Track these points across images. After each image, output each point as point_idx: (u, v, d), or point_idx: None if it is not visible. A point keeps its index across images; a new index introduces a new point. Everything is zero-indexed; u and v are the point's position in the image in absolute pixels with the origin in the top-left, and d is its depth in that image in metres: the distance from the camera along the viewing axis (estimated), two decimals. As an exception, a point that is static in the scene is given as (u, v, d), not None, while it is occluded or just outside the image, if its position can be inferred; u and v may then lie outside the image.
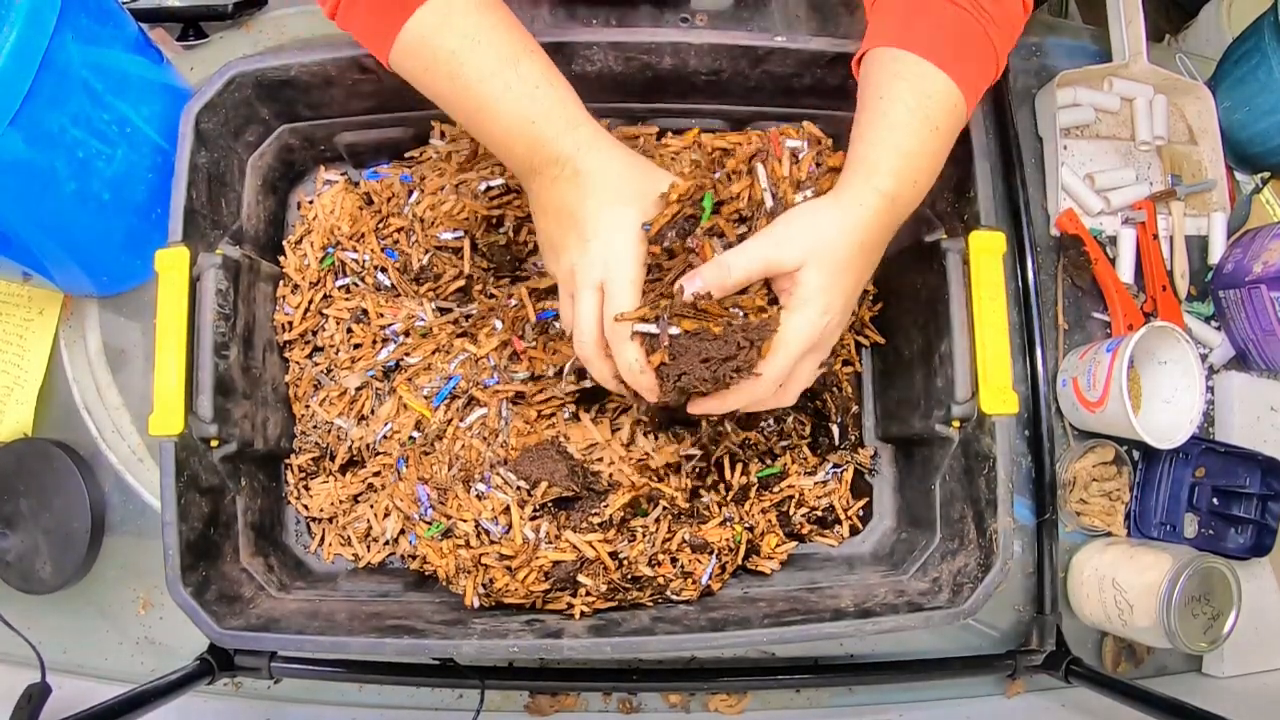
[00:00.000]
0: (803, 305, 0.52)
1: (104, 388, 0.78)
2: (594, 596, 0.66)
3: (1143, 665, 0.80)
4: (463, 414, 0.70)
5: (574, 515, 0.67)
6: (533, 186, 0.55)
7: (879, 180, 0.52)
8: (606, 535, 0.66)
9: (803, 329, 0.52)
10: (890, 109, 0.53)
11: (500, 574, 0.65)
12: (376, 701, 0.75)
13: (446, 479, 0.68)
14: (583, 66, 0.67)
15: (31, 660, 0.69)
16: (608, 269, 0.52)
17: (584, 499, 0.67)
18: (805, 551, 0.75)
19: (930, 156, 0.54)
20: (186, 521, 0.60)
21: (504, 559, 0.65)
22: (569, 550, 0.65)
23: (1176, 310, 0.83)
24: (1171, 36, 1.20)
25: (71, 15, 0.59)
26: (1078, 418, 0.79)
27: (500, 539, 0.66)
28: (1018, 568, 0.78)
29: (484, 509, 0.66)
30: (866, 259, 0.54)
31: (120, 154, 0.67)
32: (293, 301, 0.72)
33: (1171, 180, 0.86)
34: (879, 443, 0.77)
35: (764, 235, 0.52)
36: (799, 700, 0.77)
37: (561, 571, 0.65)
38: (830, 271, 0.52)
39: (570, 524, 0.66)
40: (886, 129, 0.53)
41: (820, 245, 0.51)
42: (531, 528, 0.66)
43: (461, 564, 0.66)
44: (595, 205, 0.52)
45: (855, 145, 0.54)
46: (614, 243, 0.52)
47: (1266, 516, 0.78)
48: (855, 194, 0.52)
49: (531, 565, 0.65)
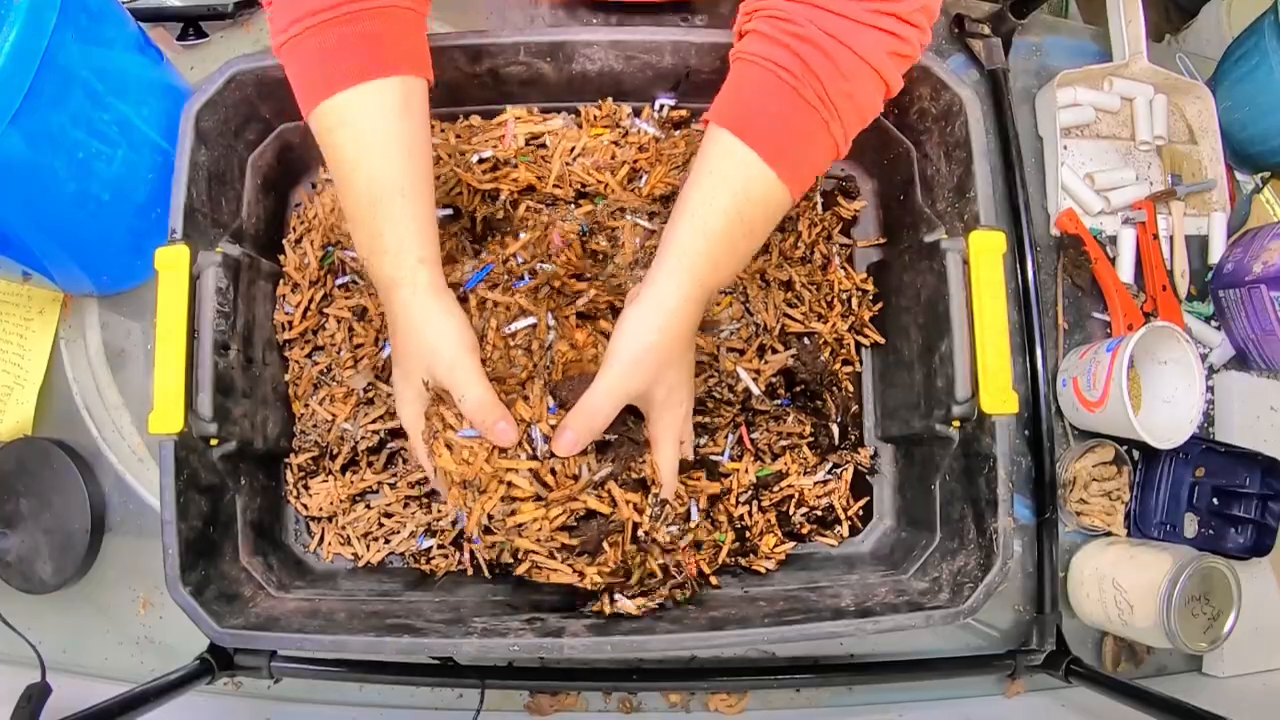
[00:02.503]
0: (663, 412, 0.59)
1: (104, 387, 0.78)
2: (603, 569, 0.62)
3: (1143, 665, 0.80)
4: (506, 318, 0.64)
5: (616, 463, 0.61)
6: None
7: (691, 277, 0.55)
8: (643, 501, 0.62)
9: (671, 428, 0.59)
10: (711, 200, 0.55)
11: (528, 506, 0.59)
12: (376, 701, 0.75)
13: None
14: (583, 65, 0.67)
15: (31, 660, 0.69)
16: (407, 430, 0.62)
17: (624, 447, 0.61)
18: (805, 551, 0.75)
19: (738, 255, 0.58)
20: (186, 520, 0.60)
21: (540, 483, 0.59)
22: (608, 503, 0.60)
23: (1176, 310, 0.83)
24: (1172, 36, 1.20)
25: (71, 14, 0.59)
26: (1078, 417, 0.79)
27: (544, 458, 0.59)
28: (1018, 567, 0.78)
29: (540, 413, 0.59)
30: (691, 340, 0.60)
31: (120, 153, 0.67)
32: (293, 300, 0.72)
33: (1171, 180, 0.86)
34: (879, 442, 0.77)
35: (610, 369, 0.56)
36: (799, 700, 0.77)
37: (591, 531, 0.60)
38: (672, 375, 0.58)
39: (610, 471, 0.60)
40: (703, 220, 0.55)
41: (658, 361, 0.56)
42: (584, 463, 0.60)
43: (481, 477, 0.59)
44: (399, 358, 0.60)
45: (677, 221, 0.56)
46: (403, 412, 0.61)
47: (1266, 516, 0.78)
48: (673, 295, 0.55)
49: (567, 505, 0.60)
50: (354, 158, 0.55)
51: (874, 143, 0.75)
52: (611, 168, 0.70)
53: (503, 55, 0.66)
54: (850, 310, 0.76)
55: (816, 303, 0.75)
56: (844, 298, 0.76)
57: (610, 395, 0.55)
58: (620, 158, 0.71)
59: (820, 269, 0.76)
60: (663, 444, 0.60)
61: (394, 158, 0.55)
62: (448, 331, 0.56)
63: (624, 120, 0.72)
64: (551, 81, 0.69)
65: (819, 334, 0.75)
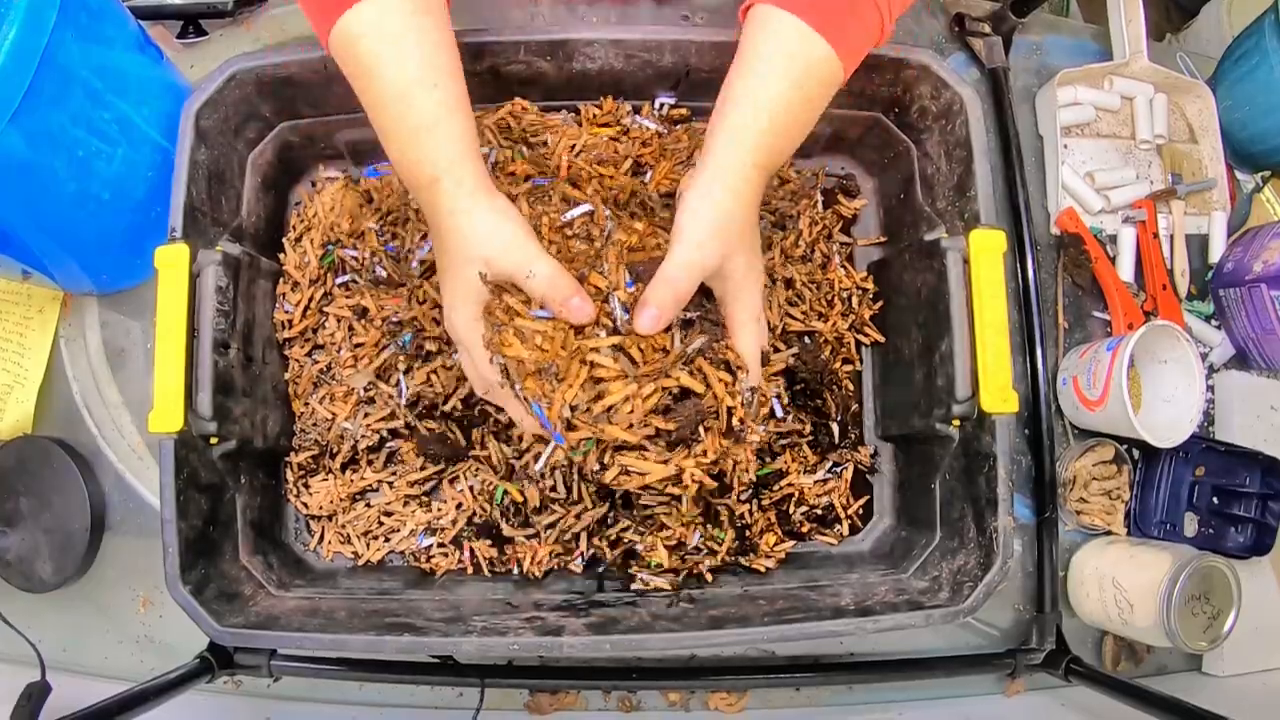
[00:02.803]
0: (741, 290, 0.55)
1: (104, 386, 0.77)
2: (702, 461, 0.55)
3: (1142, 664, 0.80)
4: (561, 209, 0.60)
5: (706, 335, 0.56)
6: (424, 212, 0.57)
7: (752, 154, 0.53)
8: (734, 385, 0.55)
9: (751, 308, 0.56)
10: (765, 75, 0.53)
11: (616, 386, 0.53)
12: (376, 700, 0.75)
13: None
14: (583, 64, 0.67)
15: (31, 659, 0.69)
16: (461, 342, 0.57)
17: (707, 325, 0.56)
18: (805, 550, 0.75)
19: (800, 126, 0.56)
20: (186, 519, 0.60)
21: (628, 358, 0.53)
22: (701, 381, 0.55)
23: (1176, 309, 0.83)
24: (1172, 35, 1.20)
25: (71, 13, 0.59)
26: (1078, 416, 0.79)
27: (626, 331, 0.53)
28: (1017, 566, 0.78)
29: (618, 281, 0.54)
30: (755, 223, 0.57)
31: (120, 152, 0.66)
32: (292, 299, 0.72)
33: (1172, 179, 0.86)
34: (879, 441, 0.77)
35: (683, 243, 0.53)
36: (799, 699, 0.77)
37: (687, 412, 0.54)
38: (744, 250, 0.55)
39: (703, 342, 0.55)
40: (761, 97, 0.53)
41: (729, 234, 0.53)
42: (671, 337, 0.55)
43: (559, 362, 0.53)
44: (448, 263, 0.55)
45: (727, 108, 0.54)
46: (456, 318, 0.56)
47: (1266, 515, 0.78)
48: (735, 171, 0.53)
49: (659, 381, 0.53)
50: (378, 61, 0.52)
51: (874, 141, 0.75)
52: (615, 161, 0.70)
53: (503, 53, 0.65)
54: (850, 309, 0.76)
55: (817, 301, 0.75)
56: (844, 296, 0.76)
57: (687, 269, 0.53)
58: (623, 152, 0.71)
59: (820, 267, 0.76)
60: (744, 326, 0.56)
61: (420, 52, 0.53)
62: (503, 219, 0.54)
63: (625, 118, 0.72)
64: (552, 80, 0.69)
65: (819, 333, 0.75)
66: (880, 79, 0.67)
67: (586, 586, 0.71)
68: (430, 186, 0.53)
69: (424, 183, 0.54)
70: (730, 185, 0.53)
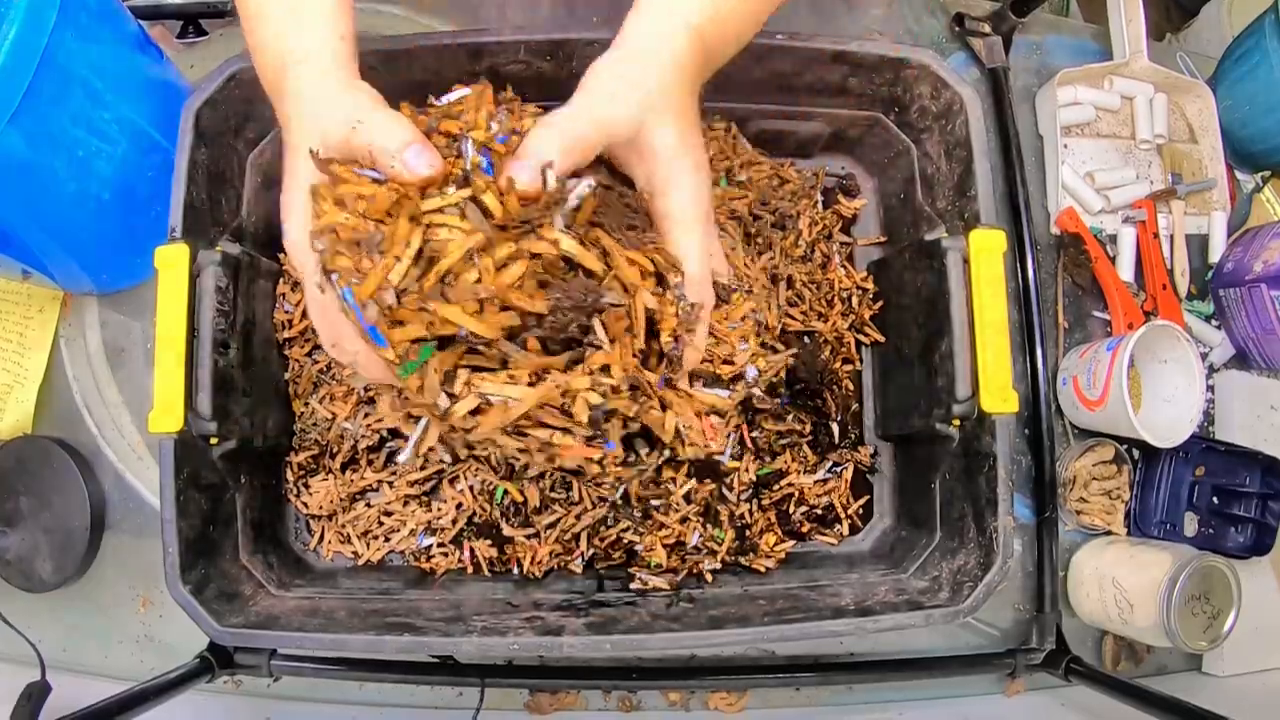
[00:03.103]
0: (674, 173, 0.41)
1: (104, 385, 0.77)
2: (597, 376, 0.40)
3: (1142, 664, 0.80)
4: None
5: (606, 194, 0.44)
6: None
7: (683, 13, 0.41)
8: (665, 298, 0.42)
9: (693, 201, 0.41)
10: None
11: (456, 241, 0.38)
12: (376, 699, 0.75)
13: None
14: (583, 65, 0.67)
15: (31, 658, 0.69)
16: (302, 267, 0.42)
17: (619, 207, 0.45)
18: (805, 550, 0.75)
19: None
20: (186, 519, 0.60)
21: (483, 211, 0.40)
22: (596, 257, 0.40)
23: (1177, 309, 0.83)
24: (1172, 35, 1.20)
25: (71, 12, 0.59)
26: (1078, 416, 0.79)
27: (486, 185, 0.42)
28: (1017, 566, 0.78)
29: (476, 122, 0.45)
30: (694, 100, 0.43)
31: (120, 152, 0.66)
32: (292, 299, 0.72)
33: (1172, 179, 0.86)
34: (879, 441, 0.77)
35: (583, 90, 0.41)
36: (799, 698, 0.77)
37: (573, 292, 0.39)
38: (678, 122, 0.41)
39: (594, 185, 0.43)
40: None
41: (650, 92, 0.40)
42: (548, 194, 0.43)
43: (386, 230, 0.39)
44: (285, 165, 0.43)
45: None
46: (290, 234, 0.43)
47: (1266, 515, 0.78)
48: (662, 20, 0.41)
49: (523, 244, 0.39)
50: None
51: (874, 141, 0.75)
52: None
53: (503, 54, 0.65)
54: (850, 309, 0.76)
55: (817, 301, 0.75)
56: (844, 296, 0.76)
57: (588, 119, 0.40)
58: None
59: (820, 267, 0.76)
60: (680, 225, 0.41)
61: None
62: (353, 91, 0.42)
63: None
64: (551, 80, 0.69)
65: (819, 332, 0.75)
66: (880, 79, 0.67)
67: (586, 586, 0.71)
68: (281, 71, 0.43)
69: (276, 67, 0.43)
70: (658, 33, 0.41)
